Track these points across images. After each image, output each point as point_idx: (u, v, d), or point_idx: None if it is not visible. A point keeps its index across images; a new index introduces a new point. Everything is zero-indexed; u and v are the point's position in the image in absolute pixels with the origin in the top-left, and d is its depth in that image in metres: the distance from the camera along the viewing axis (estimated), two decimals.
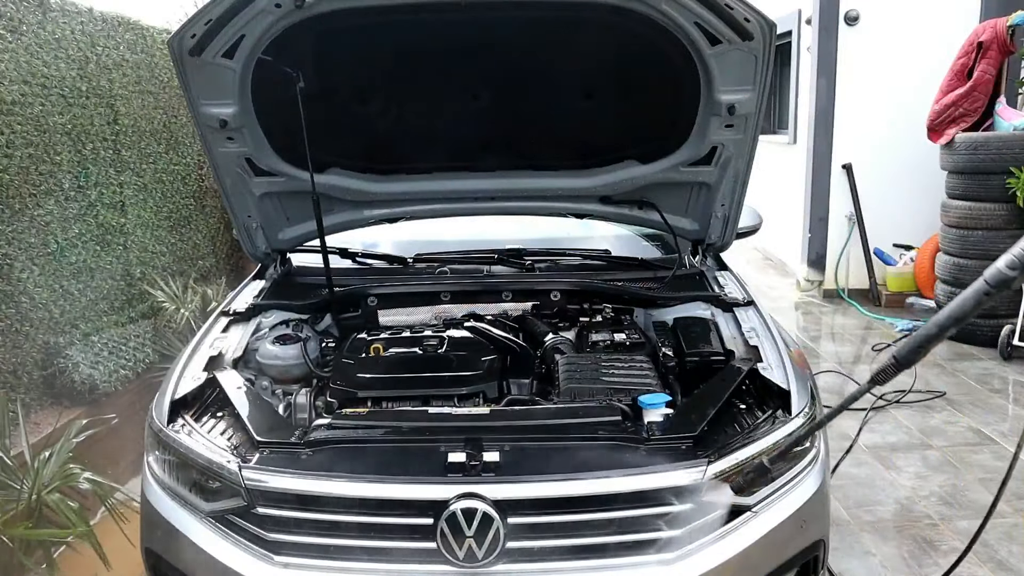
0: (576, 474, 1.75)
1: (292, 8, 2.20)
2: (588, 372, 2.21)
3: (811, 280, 6.97)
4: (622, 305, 2.72)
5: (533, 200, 2.92)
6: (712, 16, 2.22)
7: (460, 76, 2.57)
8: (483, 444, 1.82)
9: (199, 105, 2.43)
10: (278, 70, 2.34)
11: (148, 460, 2.08)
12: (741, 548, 1.78)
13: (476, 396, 2.22)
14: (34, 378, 3.77)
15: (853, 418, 4.16)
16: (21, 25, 3.74)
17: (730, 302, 2.56)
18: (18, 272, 3.65)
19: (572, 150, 2.82)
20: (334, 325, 2.73)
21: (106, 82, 4.50)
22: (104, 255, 4.44)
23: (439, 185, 2.88)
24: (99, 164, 4.42)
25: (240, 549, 1.81)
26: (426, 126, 2.73)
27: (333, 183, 2.80)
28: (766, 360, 2.15)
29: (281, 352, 2.38)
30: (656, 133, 2.70)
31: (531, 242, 3.11)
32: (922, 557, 2.95)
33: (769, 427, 1.93)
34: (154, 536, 1.99)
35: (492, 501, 1.70)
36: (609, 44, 2.44)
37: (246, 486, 1.79)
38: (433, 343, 2.41)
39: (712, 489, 1.77)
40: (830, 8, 6.33)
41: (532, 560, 1.74)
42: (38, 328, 3.79)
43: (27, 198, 3.73)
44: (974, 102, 5.42)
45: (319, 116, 2.46)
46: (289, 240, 2.96)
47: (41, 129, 3.86)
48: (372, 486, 1.76)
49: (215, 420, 2.06)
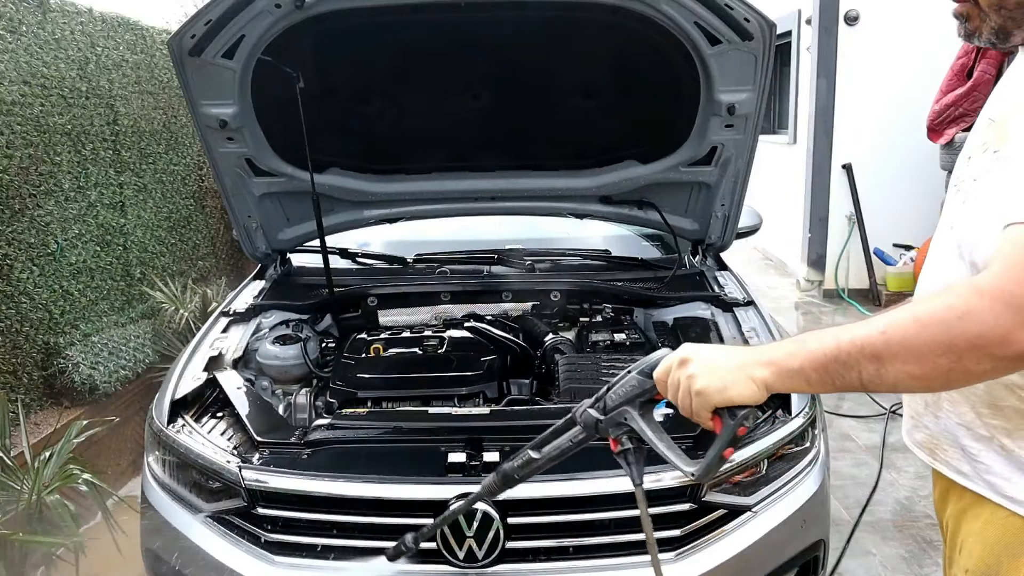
0: (576, 474, 1.74)
1: (292, 8, 2.20)
2: (588, 372, 2.21)
3: (811, 280, 6.97)
4: (622, 305, 2.72)
5: (533, 200, 2.91)
6: (712, 16, 2.22)
7: (460, 76, 2.57)
8: (483, 444, 1.83)
9: (199, 105, 2.43)
10: (278, 70, 2.34)
11: (148, 460, 2.08)
12: (741, 548, 1.78)
13: (476, 396, 2.22)
14: (34, 378, 3.77)
15: (857, 421, 4.16)
16: (21, 25, 3.73)
17: (730, 302, 2.56)
18: (18, 272, 3.65)
19: (572, 150, 2.82)
20: (334, 325, 2.73)
21: (106, 82, 4.50)
22: (104, 255, 4.44)
23: (439, 185, 2.88)
24: (99, 164, 4.41)
25: (240, 549, 1.81)
26: (426, 126, 2.73)
27: (333, 183, 2.80)
28: None
29: (281, 352, 2.38)
30: (656, 133, 2.70)
31: (531, 242, 3.11)
32: (922, 557, 2.95)
33: (769, 427, 1.93)
34: (154, 536, 1.99)
35: (492, 501, 1.70)
36: (609, 44, 2.45)
37: (246, 486, 1.79)
38: (433, 343, 2.41)
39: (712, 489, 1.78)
40: (830, 8, 6.33)
41: (532, 560, 1.74)
42: (38, 328, 3.79)
43: (27, 198, 3.73)
44: (974, 102, 5.41)
45: (319, 116, 2.46)
46: (289, 240, 2.96)
47: (41, 129, 3.86)
48: (372, 486, 1.76)
49: (215, 420, 2.06)
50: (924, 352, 0.90)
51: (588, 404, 1.18)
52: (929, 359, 0.90)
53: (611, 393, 1.14)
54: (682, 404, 1.07)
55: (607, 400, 1.14)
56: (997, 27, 1.17)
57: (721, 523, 1.80)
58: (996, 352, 0.88)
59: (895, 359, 0.92)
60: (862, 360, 0.93)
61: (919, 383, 0.93)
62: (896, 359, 0.92)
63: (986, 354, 0.88)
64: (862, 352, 0.93)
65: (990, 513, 1.16)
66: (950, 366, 0.89)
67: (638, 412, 1.13)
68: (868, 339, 0.93)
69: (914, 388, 0.96)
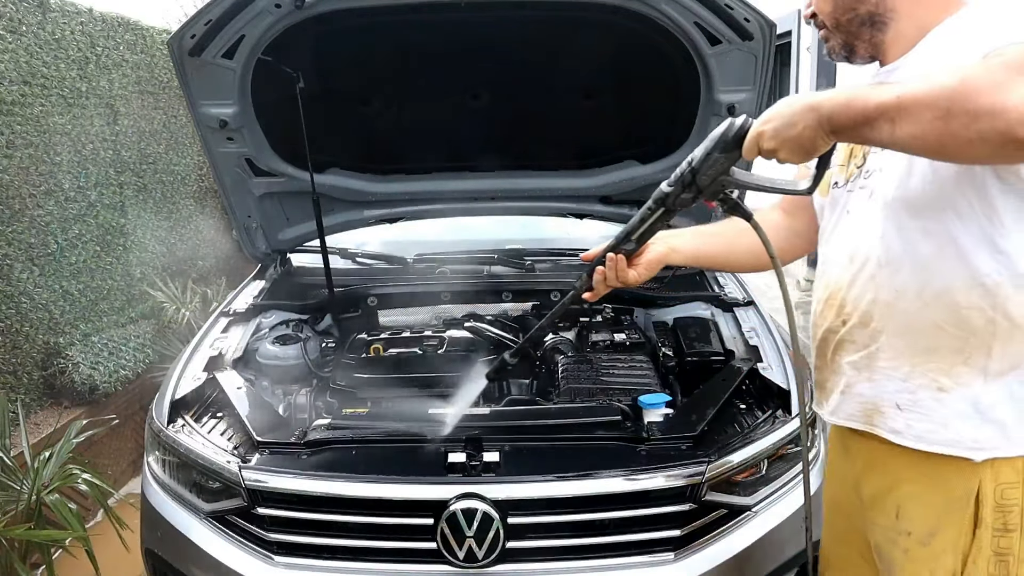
0: (576, 474, 1.75)
1: (292, 8, 2.20)
2: (588, 372, 2.21)
3: (811, 280, 6.95)
4: (622, 305, 2.72)
5: (533, 200, 2.92)
6: (712, 16, 2.22)
7: (460, 76, 2.57)
8: (483, 444, 1.83)
9: (199, 105, 2.43)
10: (278, 70, 2.34)
11: (148, 460, 2.09)
12: (741, 548, 1.78)
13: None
14: (34, 378, 3.77)
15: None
16: (21, 25, 3.73)
17: (730, 302, 2.56)
18: (18, 272, 3.65)
19: (572, 150, 2.82)
20: (334, 325, 2.73)
21: (106, 82, 4.50)
22: (104, 256, 4.44)
23: (439, 185, 2.88)
24: (99, 164, 4.41)
25: (240, 549, 1.81)
26: (426, 126, 2.73)
27: (333, 183, 2.80)
28: (766, 360, 2.15)
29: (281, 352, 2.38)
30: (656, 133, 2.70)
31: (531, 242, 3.11)
32: None
33: (769, 427, 1.93)
34: (154, 536, 1.99)
35: (492, 501, 1.70)
36: (609, 44, 2.45)
37: (246, 486, 1.79)
38: (433, 343, 2.41)
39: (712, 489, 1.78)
40: None
41: (532, 560, 1.74)
42: (38, 328, 3.79)
43: (27, 198, 3.73)
44: None
45: (319, 116, 2.46)
46: (289, 240, 2.96)
47: (41, 129, 3.86)
48: (372, 486, 1.76)
49: (215, 420, 2.06)
50: (924, 115, 0.97)
51: (675, 191, 1.29)
52: (926, 121, 0.97)
53: (700, 176, 1.25)
54: (781, 156, 1.14)
55: (698, 182, 1.26)
56: (842, 43, 1.31)
57: (721, 523, 1.80)
58: (985, 120, 0.94)
59: (904, 121, 0.99)
60: (882, 121, 1.01)
61: (917, 143, 1.01)
62: (904, 121, 0.99)
63: (973, 117, 0.94)
64: (883, 114, 1.01)
65: (926, 473, 1.25)
66: (943, 129, 0.96)
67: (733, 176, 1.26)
68: (885, 101, 1.00)
69: (912, 148, 1.04)
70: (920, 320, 1.22)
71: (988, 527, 1.21)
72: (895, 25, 1.25)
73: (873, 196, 1.26)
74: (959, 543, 1.23)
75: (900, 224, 1.21)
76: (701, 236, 1.60)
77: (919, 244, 1.20)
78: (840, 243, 1.35)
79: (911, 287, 1.22)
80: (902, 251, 1.22)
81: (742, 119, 1.18)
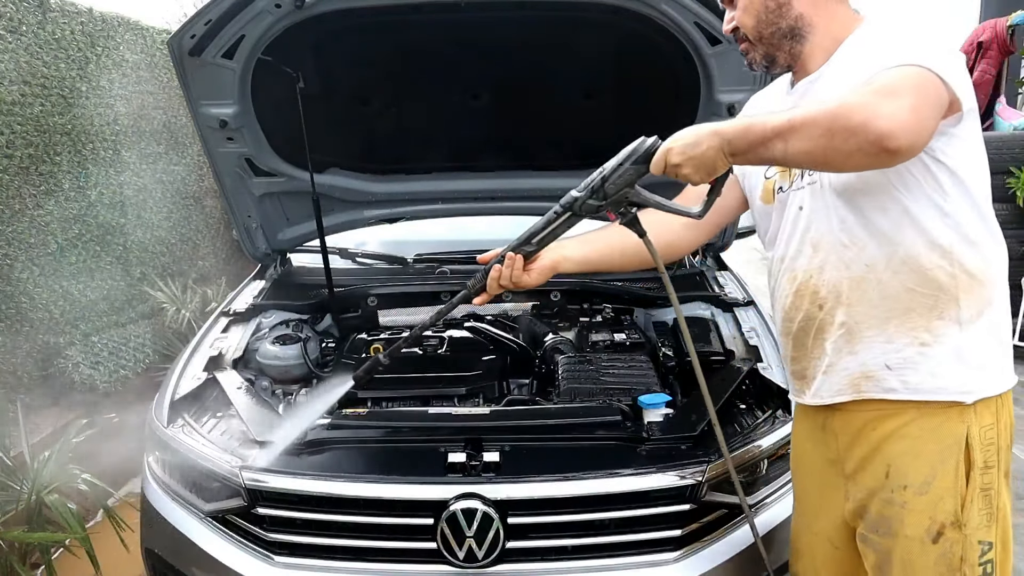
0: (576, 474, 1.75)
1: (292, 8, 2.20)
2: (588, 372, 2.21)
3: None
4: (622, 305, 2.72)
5: (533, 200, 2.91)
6: (712, 16, 2.22)
7: (460, 76, 2.57)
8: (483, 444, 1.83)
9: (199, 105, 2.43)
10: (278, 70, 2.34)
11: (148, 460, 2.09)
12: (741, 548, 1.78)
13: (476, 396, 2.22)
14: (34, 378, 3.77)
15: None
16: (21, 25, 3.73)
17: (730, 302, 2.56)
18: (18, 272, 3.65)
19: (572, 150, 2.81)
20: (334, 325, 2.73)
21: (106, 82, 4.50)
22: (104, 255, 4.44)
23: (439, 185, 2.88)
24: (99, 164, 4.41)
25: (240, 549, 1.81)
26: (426, 126, 2.73)
27: (333, 183, 2.80)
28: (766, 360, 2.15)
29: (281, 352, 2.38)
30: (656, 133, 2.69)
31: None
32: None
33: (769, 427, 1.93)
34: (154, 536, 1.99)
35: (492, 501, 1.70)
36: (609, 44, 2.44)
37: (246, 486, 1.79)
38: (433, 343, 2.41)
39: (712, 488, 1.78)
40: None
41: (532, 560, 1.74)
42: (38, 328, 3.79)
43: (27, 198, 3.73)
44: None
45: (319, 116, 2.46)
46: (289, 240, 2.96)
47: (41, 129, 3.86)
48: (372, 486, 1.76)
49: (215, 420, 2.06)
50: (812, 133, 1.14)
51: (584, 196, 1.44)
52: (814, 139, 1.14)
53: (608, 184, 1.41)
54: (683, 172, 1.35)
55: (606, 189, 1.42)
56: (764, 55, 1.45)
57: (721, 523, 1.80)
58: (860, 135, 1.10)
59: (795, 139, 1.16)
60: (776, 141, 1.18)
61: (807, 158, 1.18)
62: (795, 139, 1.16)
63: (850, 132, 1.11)
64: (778, 135, 1.17)
65: (919, 425, 1.34)
66: (827, 144, 1.13)
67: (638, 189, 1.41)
68: (779, 124, 1.17)
69: (803, 162, 1.22)
70: (893, 287, 1.33)
71: (978, 468, 1.32)
72: (812, 38, 1.40)
73: (823, 188, 1.38)
74: (956, 486, 1.33)
75: (856, 206, 1.34)
76: (589, 244, 1.72)
77: (878, 220, 1.32)
78: (800, 237, 1.44)
79: (879, 260, 1.33)
80: (864, 230, 1.34)
81: (653, 139, 1.38)
